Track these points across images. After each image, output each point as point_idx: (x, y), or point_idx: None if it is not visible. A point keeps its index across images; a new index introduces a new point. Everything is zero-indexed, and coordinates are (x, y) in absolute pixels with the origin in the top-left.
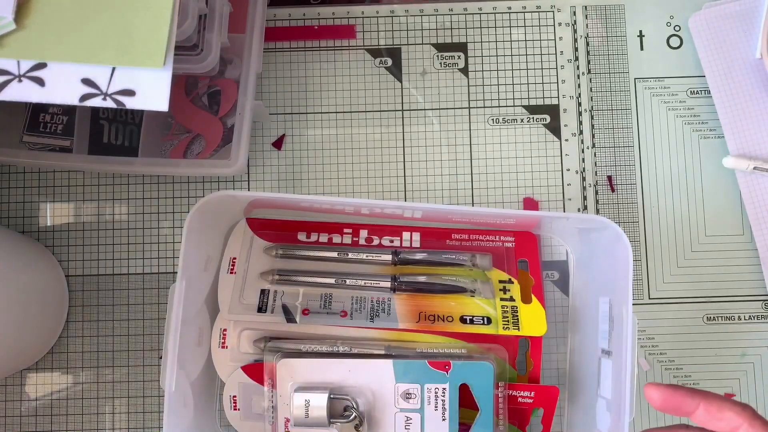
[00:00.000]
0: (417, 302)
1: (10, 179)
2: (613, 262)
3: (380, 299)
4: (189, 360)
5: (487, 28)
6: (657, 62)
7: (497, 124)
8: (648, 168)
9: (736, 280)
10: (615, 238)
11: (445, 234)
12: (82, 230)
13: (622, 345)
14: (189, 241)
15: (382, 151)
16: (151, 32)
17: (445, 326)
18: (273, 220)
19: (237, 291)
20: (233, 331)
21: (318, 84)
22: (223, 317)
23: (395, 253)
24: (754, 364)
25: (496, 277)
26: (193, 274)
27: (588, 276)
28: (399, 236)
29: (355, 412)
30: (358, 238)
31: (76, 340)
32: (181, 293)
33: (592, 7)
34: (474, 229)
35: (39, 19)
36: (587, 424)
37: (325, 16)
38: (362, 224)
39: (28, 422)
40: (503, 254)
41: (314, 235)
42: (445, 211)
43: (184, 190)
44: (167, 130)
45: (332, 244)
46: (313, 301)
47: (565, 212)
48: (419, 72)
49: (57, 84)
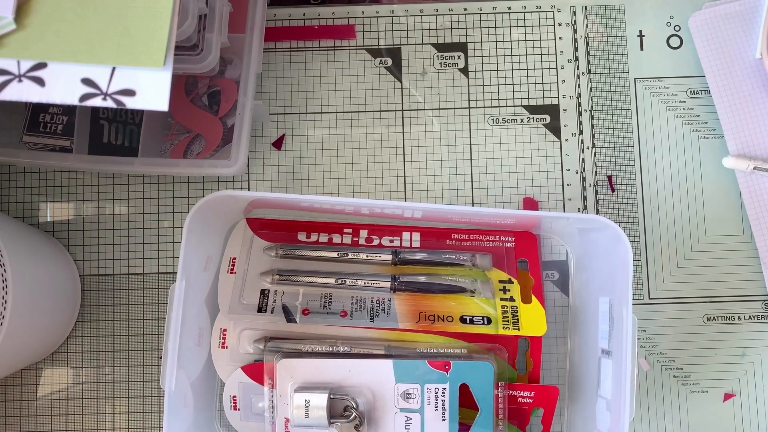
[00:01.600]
0: (417, 302)
1: (10, 179)
2: (613, 262)
3: (380, 299)
4: (189, 360)
5: (487, 28)
6: (657, 62)
7: (497, 124)
8: (648, 168)
9: (736, 280)
10: (615, 238)
11: (445, 234)
12: (82, 230)
13: (622, 345)
14: (189, 241)
15: (382, 151)
16: (151, 32)
17: (445, 326)
18: (273, 220)
19: (237, 291)
20: (233, 331)
21: (318, 84)
22: (223, 317)
23: (395, 253)
24: (754, 364)
25: (496, 277)
26: (193, 274)
27: (588, 276)
28: (399, 236)
29: (355, 412)
30: (358, 238)
31: (76, 339)
32: (181, 293)
33: (592, 7)
34: (474, 229)
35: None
36: (587, 424)
37: (325, 16)
38: (362, 224)
39: (28, 422)
40: (503, 254)
41: (314, 235)
42: (445, 211)
43: (184, 190)
44: (167, 130)
45: (332, 244)
46: (313, 301)
47: (565, 212)
48: (419, 72)
49: (57, 84)
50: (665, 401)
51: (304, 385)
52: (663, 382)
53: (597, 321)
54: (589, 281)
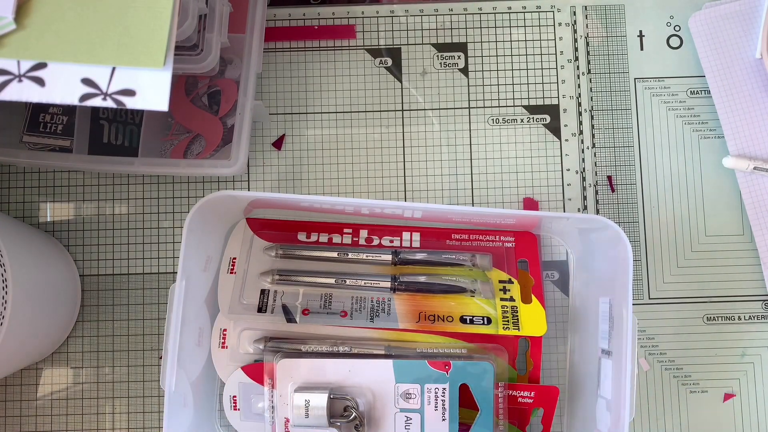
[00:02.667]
0: (417, 302)
1: (10, 179)
2: (613, 262)
3: (380, 299)
4: (189, 360)
5: (487, 28)
6: (657, 62)
7: (497, 124)
8: (648, 168)
9: (736, 280)
10: (615, 238)
11: (445, 234)
12: (82, 230)
13: (622, 345)
14: (189, 241)
15: (382, 151)
16: (151, 32)
17: (445, 326)
18: (273, 220)
19: (237, 291)
20: (233, 331)
21: (318, 84)
22: (222, 317)
23: (395, 253)
24: (754, 364)
25: (496, 277)
26: (193, 273)
27: (588, 276)
28: (399, 236)
29: (355, 412)
30: (358, 238)
31: (76, 339)
32: (181, 293)
33: (592, 7)
34: (474, 229)
35: (39, 19)
36: (587, 424)
37: (325, 16)
38: (362, 224)
39: (28, 422)
40: (503, 254)
41: (314, 235)
42: (445, 211)
43: (184, 190)
44: (167, 130)
45: (332, 244)
46: (313, 301)
47: (565, 212)
48: (419, 72)
49: (57, 84)
50: (665, 401)
51: (304, 385)
52: (663, 382)
53: (597, 321)
54: (589, 281)
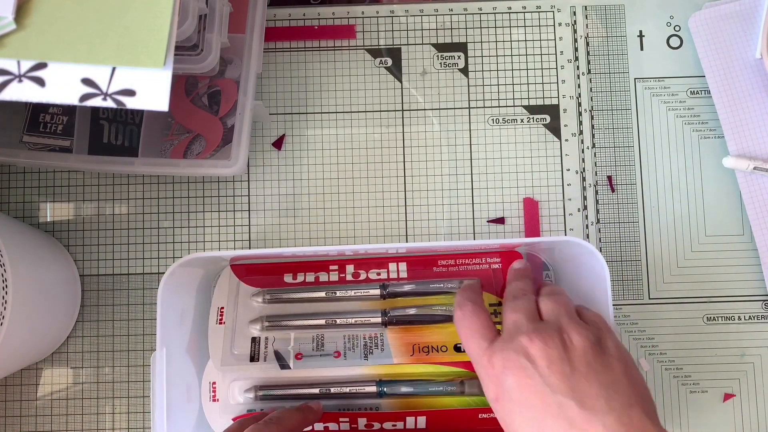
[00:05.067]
0: (409, 335)
1: (9, 179)
2: (592, 278)
3: (372, 335)
4: (179, 417)
5: (487, 28)
6: (657, 62)
7: (497, 124)
8: (648, 168)
9: (736, 280)
10: (589, 255)
11: (431, 261)
12: (82, 230)
13: None
14: (164, 307)
15: (382, 151)
16: (151, 32)
17: (441, 357)
18: (258, 265)
19: (228, 342)
20: (223, 383)
21: (318, 84)
22: (211, 369)
23: (383, 287)
24: (754, 364)
25: (487, 300)
26: (171, 331)
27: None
28: (386, 267)
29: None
30: (345, 274)
31: (76, 339)
32: (162, 361)
33: (592, 7)
34: (460, 254)
35: (39, 19)
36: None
37: (325, 16)
38: (348, 259)
39: (28, 422)
40: (491, 276)
41: (300, 275)
42: (427, 248)
43: (184, 190)
44: (167, 130)
45: (319, 283)
46: (305, 344)
47: (540, 237)
48: (419, 72)
49: (57, 84)
50: (665, 401)
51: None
52: (663, 382)
53: None
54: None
